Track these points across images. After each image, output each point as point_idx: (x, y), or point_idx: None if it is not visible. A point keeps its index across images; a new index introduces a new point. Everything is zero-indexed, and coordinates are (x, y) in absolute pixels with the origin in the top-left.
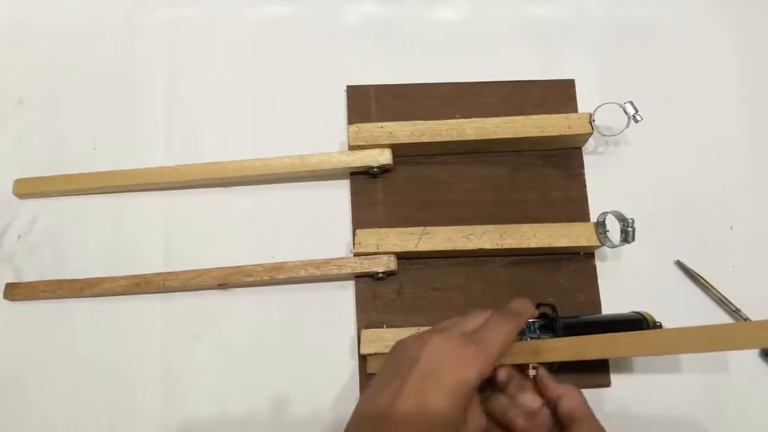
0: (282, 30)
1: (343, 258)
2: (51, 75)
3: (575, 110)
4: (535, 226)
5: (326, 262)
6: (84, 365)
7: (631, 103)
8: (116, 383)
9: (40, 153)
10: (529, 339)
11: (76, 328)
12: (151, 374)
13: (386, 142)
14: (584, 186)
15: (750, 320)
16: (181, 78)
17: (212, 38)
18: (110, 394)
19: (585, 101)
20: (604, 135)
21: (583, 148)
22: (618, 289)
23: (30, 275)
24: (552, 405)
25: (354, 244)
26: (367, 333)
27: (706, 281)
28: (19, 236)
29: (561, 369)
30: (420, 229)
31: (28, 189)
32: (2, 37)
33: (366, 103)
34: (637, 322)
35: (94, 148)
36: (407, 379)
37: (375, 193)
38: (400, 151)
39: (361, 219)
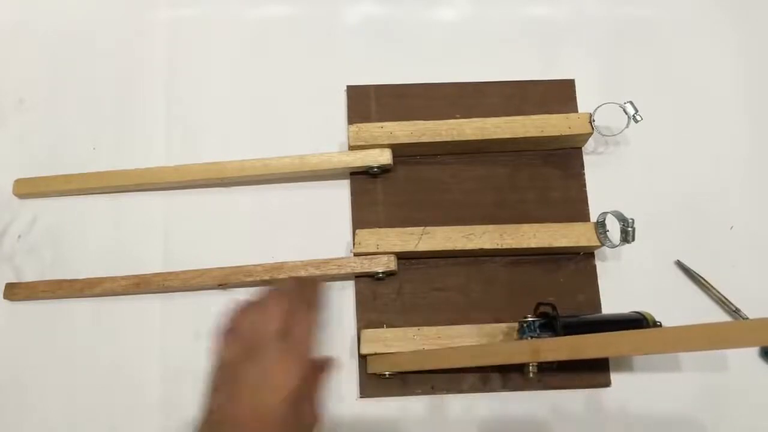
0: (282, 30)
1: (343, 258)
2: (51, 75)
3: (575, 110)
4: (535, 226)
5: (326, 262)
6: (84, 365)
7: (631, 103)
8: (116, 383)
9: (40, 153)
10: (529, 338)
11: (76, 328)
12: (151, 374)
13: (386, 142)
14: (584, 186)
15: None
16: (181, 78)
17: (212, 38)
18: (110, 394)
19: (585, 101)
20: (604, 135)
21: (583, 148)
22: (618, 289)
23: (30, 275)
24: None
25: (354, 244)
26: (367, 333)
27: (706, 281)
28: (19, 236)
29: (561, 368)
30: (420, 229)
31: (28, 189)
32: (2, 37)
33: (366, 103)
34: (637, 322)
35: (94, 148)
36: (236, 399)
37: (375, 193)
38: (400, 151)
39: (361, 219)
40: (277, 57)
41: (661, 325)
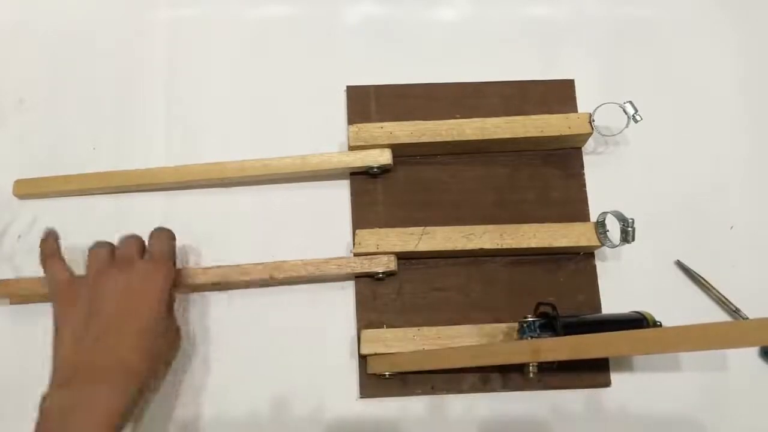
0: (282, 30)
1: (343, 258)
2: (51, 75)
3: (575, 110)
4: (535, 226)
5: (326, 261)
6: None
7: (631, 103)
8: None
9: (40, 153)
10: (529, 338)
11: None
12: None
13: (386, 142)
14: (584, 186)
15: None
16: (181, 78)
17: (212, 38)
18: None
19: (585, 101)
20: (603, 135)
21: (582, 148)
22: (618, 289)
23: (30, 275)
24: None
25: (354, 244)
26: (367, 333)
27: (706, 281)
28: (19, 236)
29: (561, 368)
30: (420, 229)
31: (28, 189)
32: (2, 37)
33: (366, 103)
34: (637, 322)
35: (94, 148)
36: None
37: (375, 193)
38: (400, 151)
39: (361, 219)
40: (277, 57)
41: (661, 325)
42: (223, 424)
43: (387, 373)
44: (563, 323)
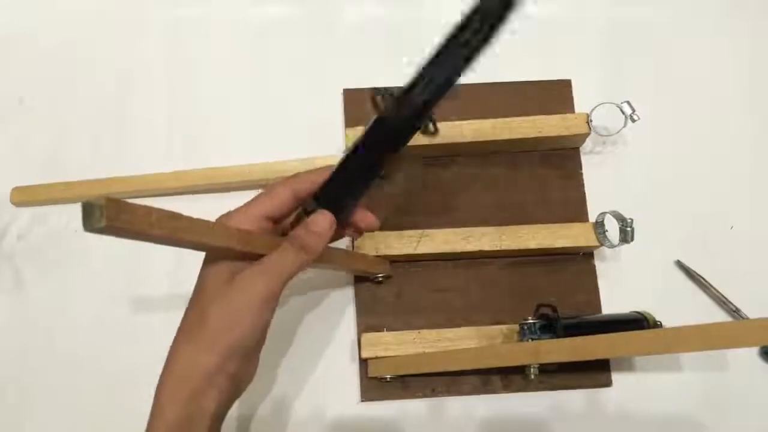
0: (282, 30)
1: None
2: (51, 75)
3: (572, 110)
4: (534, 227)
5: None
6: (85, 365)
7: (628, 102)
8: (118, 383)
9: (40, 155)
10: (529, 340)
11: (78, 328)
12: (153, 375)
13: None
14: (582, 186)
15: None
16: (181, 79)
17: (212, 38)
18: (111, 395)
19: (582, 101)
20: (601, 135)
21: (580, 148)
22: (618, 289)
23: (30, 276)
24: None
25: (353, 248)
26: (367, 336)
27: (706, 281)
28: (19, 236)
29: (562, 369)
30: (419, 231)
31: (25, 197)
32: (2, 37)
33: (363, 106)
34: (638, 322)
35: (94, 152)
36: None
37: None
38: None
39: None
40: (276, 59)
41: (661, 325)
42: (224, 424)
43: (388, 376)
44: (563, 324)
